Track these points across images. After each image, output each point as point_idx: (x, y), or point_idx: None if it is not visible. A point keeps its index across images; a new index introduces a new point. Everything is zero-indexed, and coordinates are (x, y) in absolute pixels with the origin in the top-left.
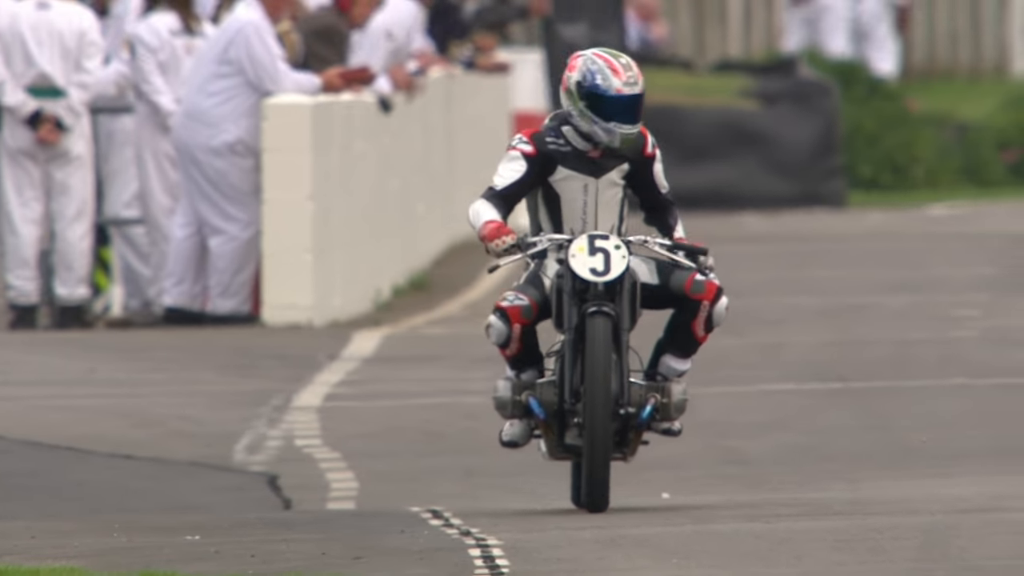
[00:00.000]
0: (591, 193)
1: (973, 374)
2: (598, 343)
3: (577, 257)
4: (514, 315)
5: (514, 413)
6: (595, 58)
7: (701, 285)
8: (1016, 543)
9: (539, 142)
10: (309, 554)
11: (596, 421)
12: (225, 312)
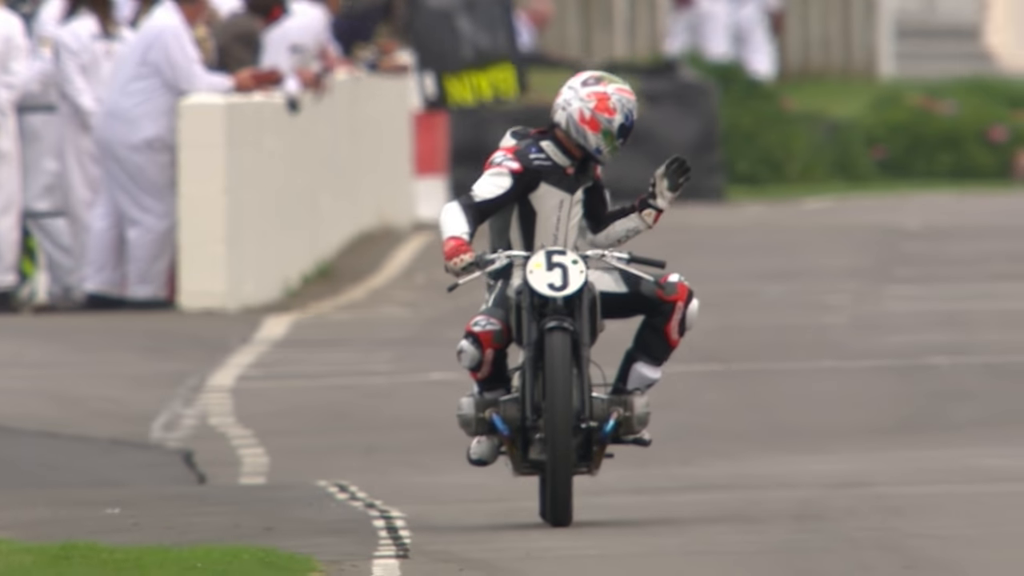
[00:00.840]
0: (564, 209)
1: (843, 357)
2: (557, 359)
3: (535, 273)
4: (486, 340)
5: (478, 430)
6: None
7: (673, 287)
8: (883, 515)
9: (524, 159)
10: (223, 526)
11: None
12: (143, 298)
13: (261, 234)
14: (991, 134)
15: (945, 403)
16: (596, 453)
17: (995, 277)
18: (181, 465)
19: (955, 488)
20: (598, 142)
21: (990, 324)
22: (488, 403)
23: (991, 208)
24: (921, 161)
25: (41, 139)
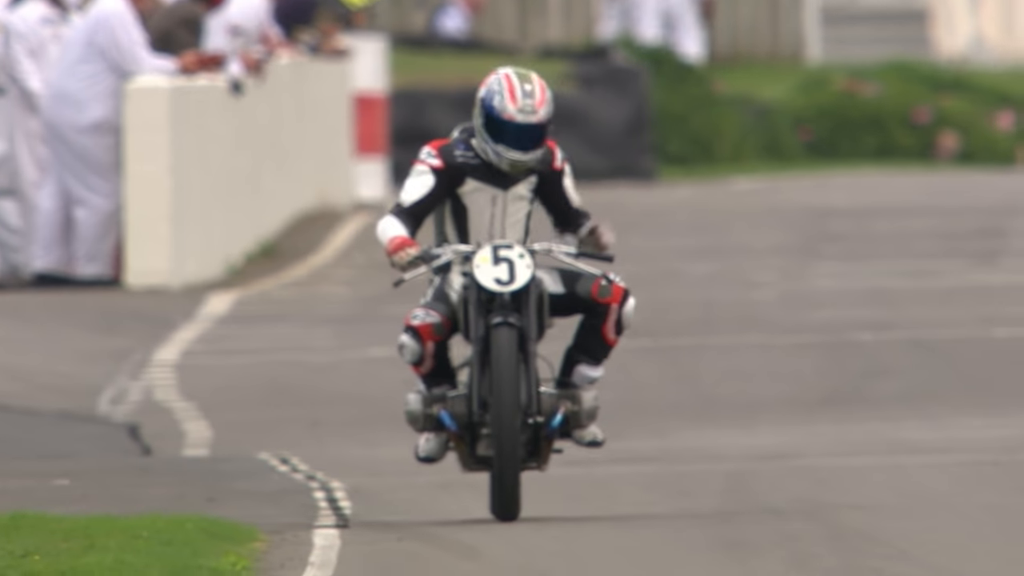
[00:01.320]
0: (499, 205)
1: (771, 333)
2: (503, 354)
3: (481, 268)
4: (425, 333)
5: (425, 426)
6: (501, 79)
7: (607, 289)
8: (809, 486)
9: (447, 155)
10: (168, 497)
11: (503, 431)
12: (90, 276)
13: (205, 214)
14: (914, 116)
15: (869, 378)
16: (544, 448)
17: (919, 255)
18: (127, 438)
19: (878, 460)
20: (474, 118)
21: (914, 301)
22: (436, 399)
23: (914, 187)
24: (847, 142)
25: None
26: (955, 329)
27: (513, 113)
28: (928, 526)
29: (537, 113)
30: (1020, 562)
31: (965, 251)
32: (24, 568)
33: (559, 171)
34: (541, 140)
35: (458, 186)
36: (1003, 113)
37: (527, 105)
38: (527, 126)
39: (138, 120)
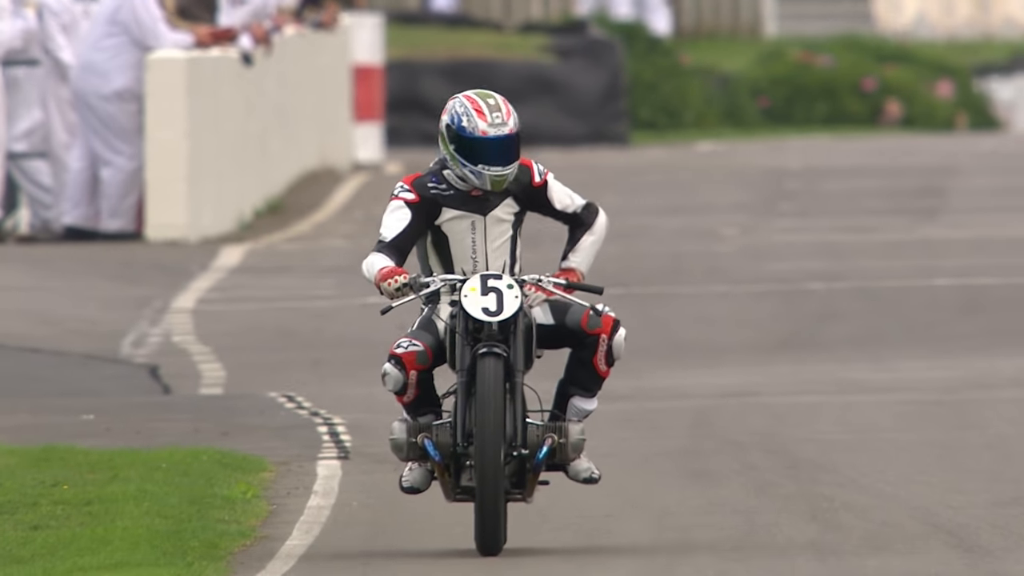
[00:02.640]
0: (479, 231)
1: (732, 282)
2: (488, 384)
3: (469, 297)
4: (409, 362)
5: (410, 455)
6: (463, 100)
7: (596, 320)
8: (767, 422)
9: (420, 188)
10: (184, 431)
11: (487, 463)
12: (114, 230)
13: (218, 174)
14: (863, 85)
15: (822, 323)
16: (530, 480)
17: (866, 211)
18: (148, 378)
19: (831, 398)
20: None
21: (862, 253)
22: (421, 428)
23: (862, 150)
24: (801, 109)
25: (21, 89)
26: (900, 279)
27: (485, 128)
28: (875, 458)
29: (508, 124)
30: (958, 491)
31: (908, 208)
32: (54, 497)
33: (541, 186)
34: (516, 152)
35: (435, 217)
36: (942, 83)
37: (496, 118)
38: (500, 139)
39: (158, 89)
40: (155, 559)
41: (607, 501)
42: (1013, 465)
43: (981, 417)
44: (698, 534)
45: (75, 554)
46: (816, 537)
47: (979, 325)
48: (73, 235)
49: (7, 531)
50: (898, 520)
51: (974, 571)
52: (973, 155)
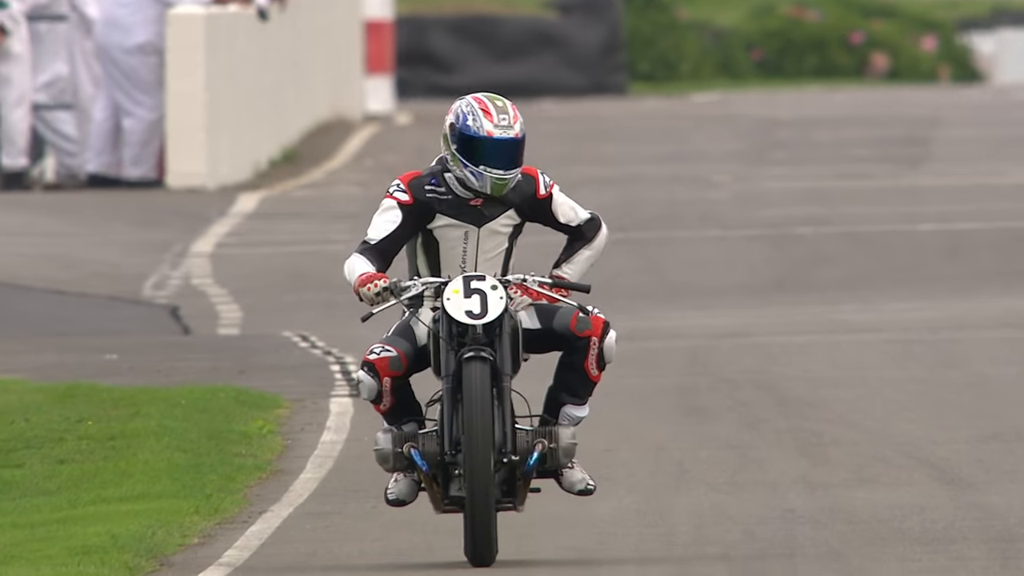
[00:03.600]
0: (471, 241)
1: (726, 227)
2: (476, 390)
3: (452, 300)
4: (382, 368)
5: (396, 466)
6: (471, 101)
7: (586, 321)
8: (759, 360)
9: (416, 189)
10: (203, 369)
11: (476, 471)
12: (136, 178)
13: (235, 124)
14: (851, 39)
15: (811, 266)
16: (520, 487)
17: (853, 160)
18: (168, 318)
19: (820, 338)
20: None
21: (849, 199)
22: (407, 437)
23: (850, 101)
24: (791, 62)
25: (44, 43)
26: (885, 224)
27: (491, 129)
28: (862, 395)
29: (514, 128)
30: (941, 427)
31: (894, 157)
32: (79, 432)
33: (545, 198)
34: (520, 157)
35: (428, 222)
36: (927, 37)
37: (503, 120)
38: (506, 141)
39: (177, 43)
40: (175, 491)
41: (606, 436)
42: (993, 402)
43: (963, 356)
44: (693, 468)
45: (99, 486)
46: (806, 471)
47: (961, 268)
48: (97, 182)
49: (34, 464)
50: (884, 454)
51: (956, 503)
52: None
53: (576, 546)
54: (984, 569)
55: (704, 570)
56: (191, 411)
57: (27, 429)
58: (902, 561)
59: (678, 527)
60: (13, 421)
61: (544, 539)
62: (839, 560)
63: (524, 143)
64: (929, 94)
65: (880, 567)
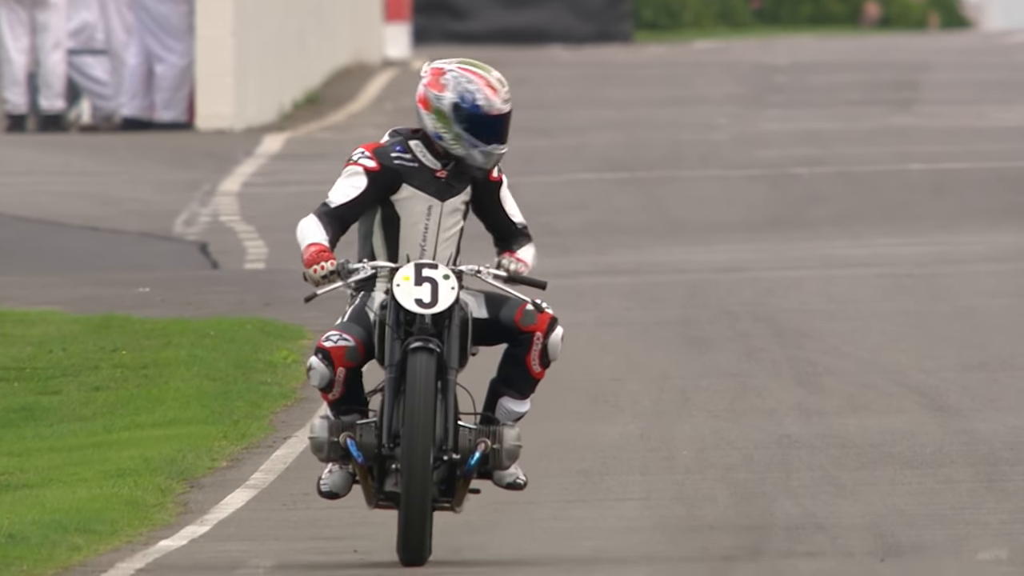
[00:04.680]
0: (434, 217)
1: (726, 167)
2: (419, 381)
3: (402, 287)
4: (338, 357)
5: (330, 455)
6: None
7: (532, 316)
8: (757, 294)
9: (383, 157)
10: (231, 302)
11: (414, 467)
12: (167, 120)
13: (261, 69)
14: None
15: (806, 204)
16: (460, 487)
17: (846, 103)
18: (198, 253)
19: (814, 272)
20: (434, 125)
21: (842, 140)
22: (344, 426)
23: (843, 48)
24: (788, 10)
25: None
26: (877, 164)
27: (501, 106)
28: (855, 327)
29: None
30: (930, 357)
31: (884, 100)
32: (114, 361)
33: (497, 182)
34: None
35: (393, 192)
36: None
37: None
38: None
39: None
40: (204, 417)
41: (612, 365)
42: (979, 333)
43: (950, 289)
44: (694, 395)
45: (132, 412)
46: (801, 398)
47: (948, 206)
48: (130, 125)
49: (71, 392)
50: (876, 383)
51: (944, 429)
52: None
53: (584, 468)
54: (970, 491)
55: (705, 491)
56: (219, 341)
57: (64, 358)
58: (892, 484)
59: (680, 451)
60: (51, 351)
61: (554, 460)
62: (833, 483)
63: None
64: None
65: (872, 489)
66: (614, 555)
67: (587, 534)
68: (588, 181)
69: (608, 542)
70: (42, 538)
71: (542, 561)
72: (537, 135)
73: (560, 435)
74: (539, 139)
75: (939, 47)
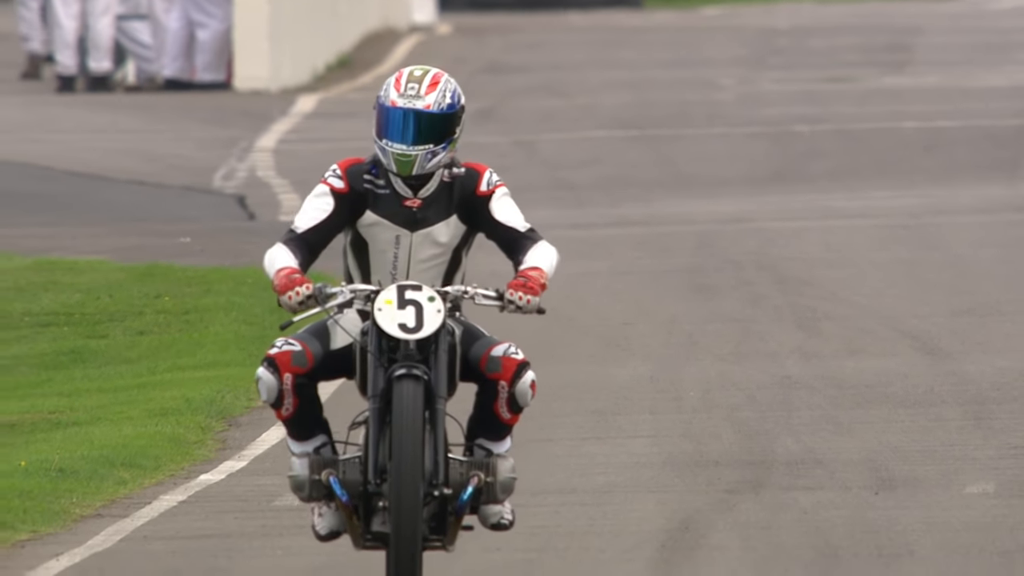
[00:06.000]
0: (403, 247)
1: (730, 125)
2: (406, 412)
3: (384, 311)
4: (283, 362)
5: (313, 495)
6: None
7: (497, 363)
8: (760, 243)
9: (353, 177)
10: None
11: (403, 505)
12: (207, 81)
13: (295, 33)
14: None
15: (806, 160)
16: (452, 524)
17: (846, 64)
18: (236, 206)
19: (814, 223)
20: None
21: (841, 100)
22: (325, 463)
23: (840, 13)
24: None
25: None
26: (872, 122)
27: (395, 98)
28: (851, 274)
29: (422, 98)
30: (922, 303)
31: (879, 62)
32: (157, 307)
33: (485, 196)
34: (433, 134)
35: (358, 216)
36: None
37: (411, 89)
38: (410, 112)
39: None
40: (242, 360)
41: (624, 311)
42: (968, 280)
43: (941, 239)
44: (701, 339)
45: (174, 355)
46: (801, 342)
47: (939, 161)
48: (172, 85)
49: (117, 336)
50: (871, 327)
51: (935, 371)
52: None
53: (597, 408)
54: (959, 429)
55: (711, 429)
56: (256, 288)
57: (111, 304)
58: (887, 422)
59: (687, 392)
60: (99, 297)
61: (569, 401)
62: (831, 421)
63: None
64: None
65: (867, 427)
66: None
67: (600, 469)
68: (601, 138)
69: (620, 476)
70: (91, 472)
71: (559, 492)
72: (554, 95)
73: (575, 377)
74: (556, 99)
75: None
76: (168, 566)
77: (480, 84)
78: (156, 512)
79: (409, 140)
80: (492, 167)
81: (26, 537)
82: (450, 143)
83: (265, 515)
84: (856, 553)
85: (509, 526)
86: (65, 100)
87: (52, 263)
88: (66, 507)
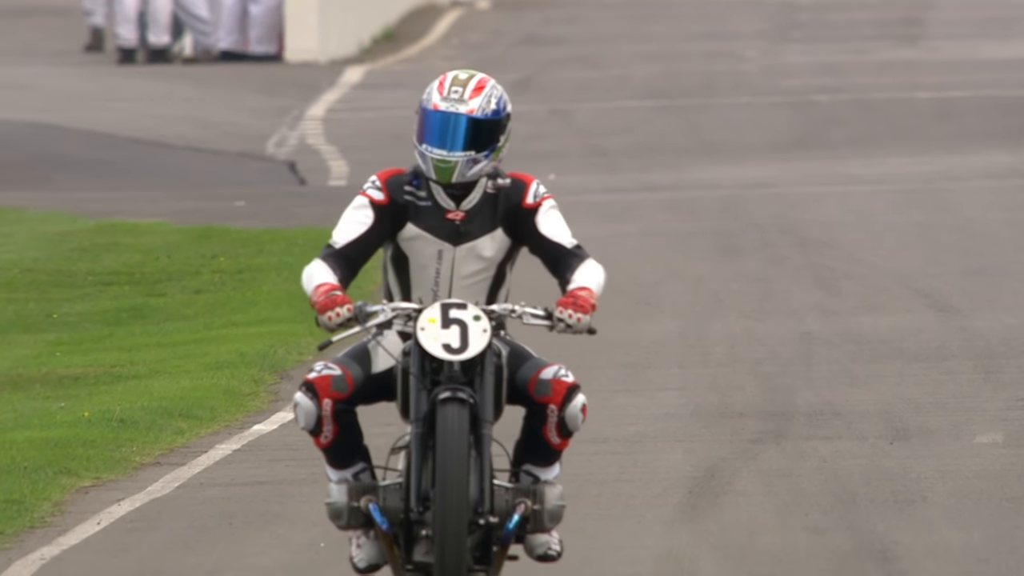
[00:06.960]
0: (446, 262)
1: (754, 95)
2: (451, 436)
3: (427, 330)
4: (323, 388)
5: (351, 522)
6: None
7: (547, 386)
8: (782, 208)
9: (394, 188)
10: (316, 214)
11: (447, 533)
12: (260, 53)
13: (344, 7)
14: None
15: (825, 128)
16: (497, 554)
17: (863, 38)
18: (287, 171)
19: (833, 189)
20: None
21: (859, 71)
22: (365, 489)
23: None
24: None
25: None
26: (888, 92)
27: (438, 101)
28: (869, 236)
29: (465, 102)
30: (935, 263)
31: (894, 35)
32: (212, 267)
33: (531, 208)
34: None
35: (399, 229)
36: None
37: (453, 92)
38: (452, 116)
39: None
40: (292, 316)
41: (654, 271)
42: (978, 242)
43: (954, 203)
44: (726, 298)
45: (229, 312)
46: (821, 300)
47: (951, 129)
48: (227, 57)
49: (175, 294)
50: (887, 286)
51: (947, 327)
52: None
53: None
54: (970, 382)
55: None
56: (307, 249)
57: (169, 264)
58: (901, 375)
59: (714, 347)
60: (157, 258)
61: (602, 355)
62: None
63: (490, 126)
64: None
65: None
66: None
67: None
68: (633, 108)
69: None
70: (150, 423)
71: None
72: (588, 67)
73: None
74: (590, 70)
75: None
76: (223, 511)
77: (518, 55)
78: (212, 460)
79: (449, 146)
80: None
81: (90, 483)
82: (493, 151)
83: (315, 463)
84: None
85: (557, 557)
86: (126, 71)
87: (114, 225)
88: (127, 455)
